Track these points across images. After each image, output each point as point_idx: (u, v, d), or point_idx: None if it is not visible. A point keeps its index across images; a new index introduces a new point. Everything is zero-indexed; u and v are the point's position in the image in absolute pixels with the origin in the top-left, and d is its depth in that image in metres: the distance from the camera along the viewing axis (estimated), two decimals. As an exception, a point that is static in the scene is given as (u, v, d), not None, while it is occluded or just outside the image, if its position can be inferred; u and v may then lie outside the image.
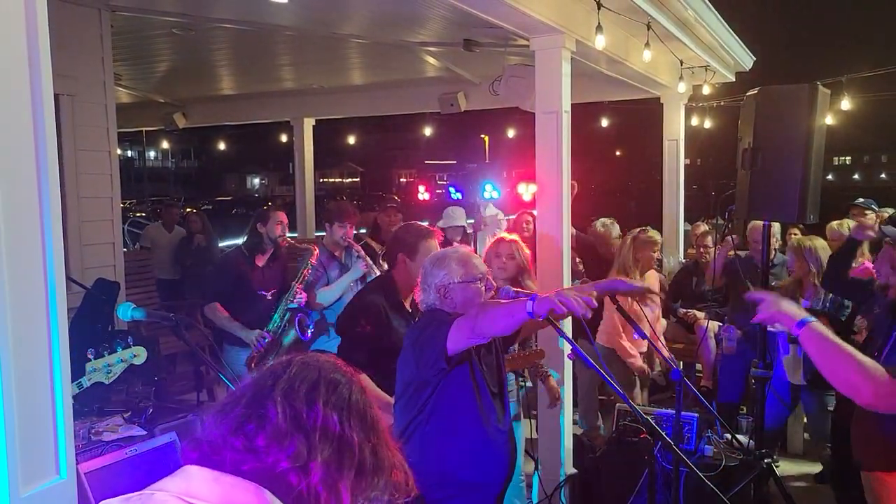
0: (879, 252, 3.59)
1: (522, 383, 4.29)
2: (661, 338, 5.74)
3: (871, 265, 4.53)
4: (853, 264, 4.66)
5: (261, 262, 5.02)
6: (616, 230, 6.60)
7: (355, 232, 5.38)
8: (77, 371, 2.87)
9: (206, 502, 1.08)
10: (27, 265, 1.86)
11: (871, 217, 6.32)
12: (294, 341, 4.74)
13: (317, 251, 5.02)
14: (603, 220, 6.73)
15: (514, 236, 4.32)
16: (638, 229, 5.70)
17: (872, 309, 4.10)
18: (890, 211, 6.69)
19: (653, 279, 5.64)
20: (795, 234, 6.56)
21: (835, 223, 6.01)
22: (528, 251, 4.24)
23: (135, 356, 2.89)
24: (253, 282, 4.93)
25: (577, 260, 6.36)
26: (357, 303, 3.77)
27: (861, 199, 6.80)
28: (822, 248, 4.91)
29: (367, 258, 5.20)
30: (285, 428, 1.14)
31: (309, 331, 4.79)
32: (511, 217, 7.81)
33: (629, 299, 4.53)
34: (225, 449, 1.14)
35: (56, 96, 4.84)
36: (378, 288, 3.72)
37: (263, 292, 4.97)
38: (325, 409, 1.17)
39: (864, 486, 2.99)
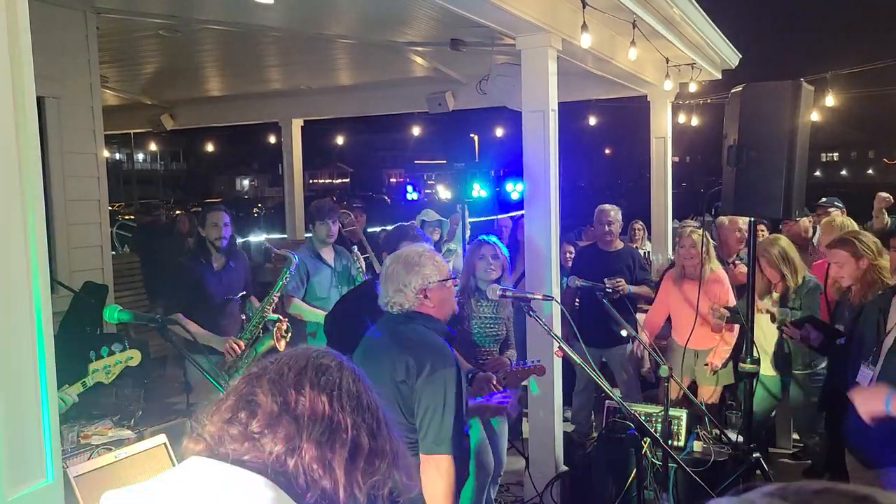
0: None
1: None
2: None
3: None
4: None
5: (217, 265, 4.79)
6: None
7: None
8: (80, 371, 2.93)
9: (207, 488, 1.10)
10: (11, 269, 1.86)
11: (836, 214, 6.34)
12: (269, 349, 4.55)
13: (295, 261, 4.84)
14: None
15: (493, 238, 4.32)
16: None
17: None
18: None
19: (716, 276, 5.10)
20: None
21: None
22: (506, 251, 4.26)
23: (131, 358, 3.02)
24: (210, 286, 4.71)
25: (568, 255, 6.35)
26: (347, 305, 3.78)
27: (824, 199, 6.85)
28: (787, 246, 4.78)
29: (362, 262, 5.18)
30: (276, 411, 1.16)
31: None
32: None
33: None
34: (224, 440, 1.16)
35: (41, 99, 4.82)
36: (365, 292, 3.74)
37: (228, 296, 4.78)
38: (313, 391, 1.18)
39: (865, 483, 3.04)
